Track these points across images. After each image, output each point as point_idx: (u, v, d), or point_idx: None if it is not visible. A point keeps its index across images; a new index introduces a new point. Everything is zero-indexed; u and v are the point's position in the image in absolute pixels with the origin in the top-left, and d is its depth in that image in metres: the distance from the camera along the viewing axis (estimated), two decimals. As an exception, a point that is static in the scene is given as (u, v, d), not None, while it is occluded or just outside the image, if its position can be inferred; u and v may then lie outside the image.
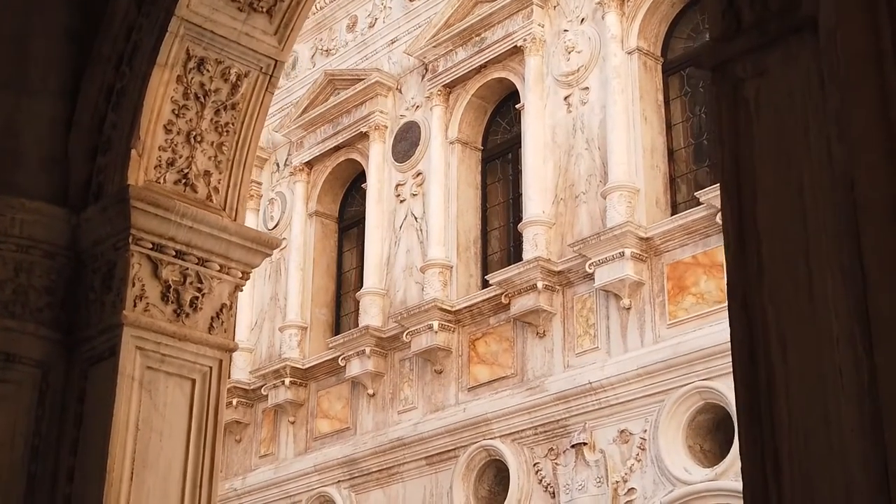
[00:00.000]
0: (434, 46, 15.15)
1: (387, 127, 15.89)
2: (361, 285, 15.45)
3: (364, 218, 15.87)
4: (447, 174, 14.87)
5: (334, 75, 16.61)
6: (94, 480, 3.93)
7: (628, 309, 12.34)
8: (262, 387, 16.05)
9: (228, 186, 4.47)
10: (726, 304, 8.75)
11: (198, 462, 4.12)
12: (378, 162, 15.76)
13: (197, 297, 4.36)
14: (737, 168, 2.12)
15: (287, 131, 17.03)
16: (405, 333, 14.22)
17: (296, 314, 16.10)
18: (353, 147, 16.39)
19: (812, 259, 2.02)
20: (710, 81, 2.36)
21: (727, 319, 8.79)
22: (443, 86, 15.12)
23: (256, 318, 16.97)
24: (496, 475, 13.21)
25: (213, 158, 4.42)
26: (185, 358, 4.26)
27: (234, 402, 16.31)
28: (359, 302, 15.36)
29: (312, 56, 17.69)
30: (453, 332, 14.01)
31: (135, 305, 4.21)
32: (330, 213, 16.89)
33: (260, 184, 17.65)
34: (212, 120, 4.41)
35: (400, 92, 15.94)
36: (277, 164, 17.59)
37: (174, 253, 4.33)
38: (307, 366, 15.65)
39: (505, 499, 12.82)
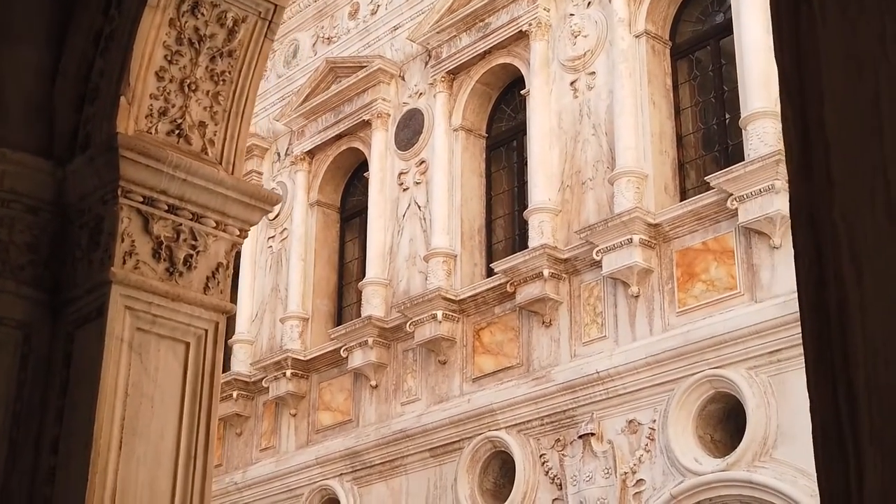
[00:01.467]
0: (437, 32, 14.90)
1: (389, 115, 15.64)
2: (363, 276, 15.19)
3: (366, 207, 15.61)
4: (451, 162, 14.62)
5: (336, 63, 16.36)
6: (80, 449, 3.66)
7: (636, 297, 12.08)
8: (262, 379, 15.79)
9: (225, 139, 4.19)
10: (737, 290, 8.49)
11: (192, 430, 3.85)
12: (380, 150, 15.51)
13: (191, 255, 4.08)
14: (799, 72, 1.84)
15: (288, 120, 16.77)
16: (408, 323, 13.96)
17: (297, 305, 15.84)
18: (355, 136, 16.14)
19: (890, 172, 1.73)
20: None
21: (738, 306, 8.56)
22: (446, 72, 14.87)
23: (257, 309, 16.72)
24: (502, 467, 12.95)
25: (208, 109, 4.15)
26: (178, 320, 3.98)
27: (235, 394, 16.07)
28: (361, 292, 15.11)
29: (314, 44, 17.44)
30: (457, 321, 13.75)
31: (124, 262, 3.91)
32: (331, 202, 16.64)
33: (261, 174, 17.40)
34: (207, 68, 4.13)
35: (403, 79, 15.69)
36: (278, 154, 17.34)
37: (166, 207, 4.04)
38: (309, 357, 15.39)
39: (511, 491, 12.56)
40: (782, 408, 10.68)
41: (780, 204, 10.90)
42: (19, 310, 3.98)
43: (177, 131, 4.10)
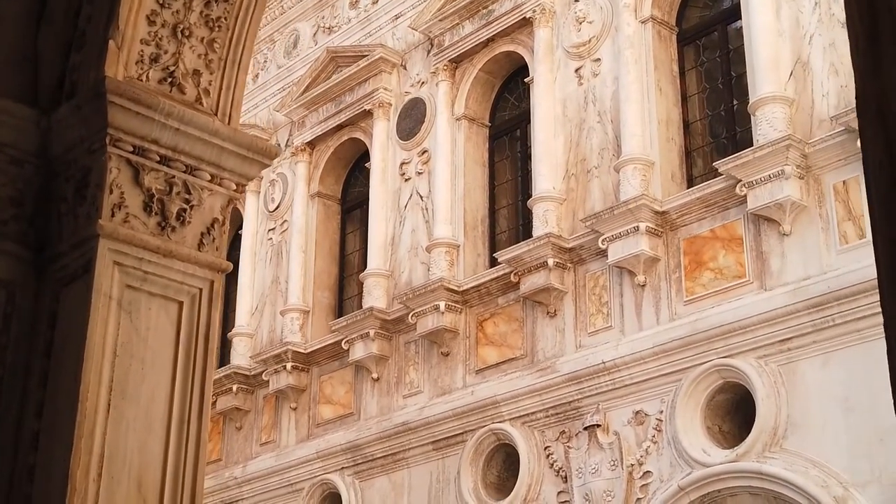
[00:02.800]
0: (440, 20, 14.69)
1: (391, 104, 15.43)
2: (365, 268, 14.97)
3: (367, 199, 15.39)
4: (454, 151, 14.40)
5: (337, 52, 16.15)
6: (66, 413, 3.43)
7: (643, 286, 11.87)
8: (262, 372, 15.58)
9: (221, 88, 3.96)
10: (746, 279, 8.29)
11: (185, 394, 3.62)
12: (382, 140, 15.29)
13: (184, 210, 3.84)
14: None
15: (288, 111, 16.56)
16: (410, 315, 13.74)
17: (297, 298, 15.63)
18: (357, 126, 15.92)
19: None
20: None
21: (747, 295, 8.33)
22: (449, 61, 14.65)
23: (257, 302, 16.50)
24: (505, 460, 12.73)
25: (203, 56, 3.91)
26: (170, 277, 3.75)
27: (235, 388, 15.87)
28: (362, 284, 14.89)
29: (314, 34, 17.23)
30: (460, 312, 13.53)
31: (112, 215, 3.67)
32: (332, 194, 16.42)
33: (260, 165, 17.16)
34: (201, 13, 3.89)
35: (405, 68, 15.47)
36: (278, 145, 17.11)
37: (158, 158, 3.80)
38: (309, 350, 15.17)
39: (515, 484, 12.34)
40: (793, 397, 10.47)
41: (789, 190, 10.69)
42: (2, 267, 3.74)
43: (169, 79, 3.87)
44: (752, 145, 11.14)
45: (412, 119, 15.06)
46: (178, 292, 3.76)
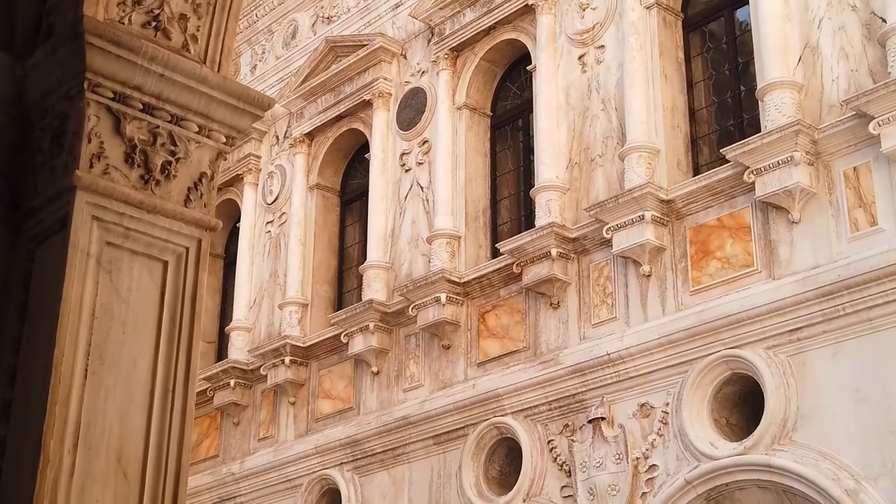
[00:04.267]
0: (440, 8, 14.44)
1: (391, 94, 15.18)
2: (364, 260, 14.71)
3: (367, 190, 15.13)
4: (454, 141, 14.15)
5: (336, 42, 15.90)
6: (39, 379, 3.16)
7: (648, 276, 11.62)
8: (260, 367, 15.32)
9: (210, 35, 3.69)
10: (754, 268, 8.01)
11: (170, 361, 3.36)
12: (382, 131, 15.04)
13: (170, 162, 3.58)
14: None
15: (287, 102, 16.31)
16: (411, 307, 13.48)
17: (296, 291, 15.38)
18: (356, 116, 15.67)
19: None
20: None
21: (755, 284, 8.08)
22: (449, 49, 14.41)
23: (255, 295, 16.25)
24: (508, 454, 12.47)
25: (190, 0, 3.69)
26: (154, 234, 3.48)
27: (232, 383, 15.64)
28: (362, 277, 14.63)
29: (313, 24, 16.99)
30: (462, 304, 13.28)
31: (91, 166, 3.40)
32: (331, 185, 16.17)
33: (259, 157, 16.95)
34: (188, -47, 3.69)
35: (405, 58, 15.23)
36: (277, 137, 16.88)
37: (141, 106, 3.54)
38: (308, 344, 14.92)
39: (517, 479, 12.08)
40: (802, 388, 10.22)
41: (799, 176, 10.44)
42: (-28, 225, 3.51)
43: (154, 23, 3.61)
44: (761, 130, 10.89)
45: (412, 109, 14.81)
46: (163, 251, 3.50)
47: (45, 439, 3.10)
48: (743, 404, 10.84)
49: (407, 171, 14.67)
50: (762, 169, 10.66)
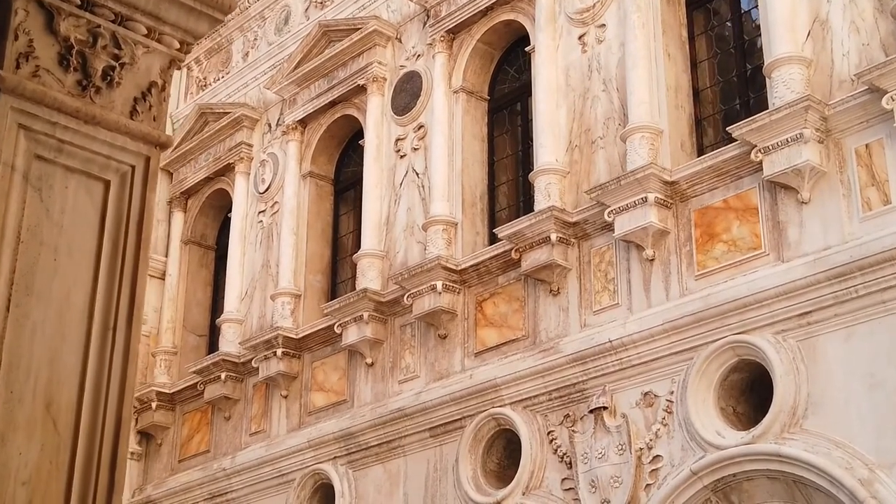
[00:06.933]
0: (436, -10, 14.04)
1: (386, 79, 14.76)
2: (359, 250, 14.28)
3: (361, 178, 14.70)
4: (451, 126, 13.73)
5: (329, 26, 15.48)
6: (-48, 311, 2.78)
7: (652, 260, 11.20)
8: (252, 359, 14.89)
9: (161, -81, 3.31)
10: (762, 250, 7.55)
11: (111, 296, 2.92)
12: (376, 116, 14.62)
13: (113, 68, 3.13)
14: None
15: (279, 88, 15.90)
16: (406, 296, 13.06)
17: (288, 281, 14.96)
18: (350, 102, 15.25)
19: None
20: None
21: (763, 267, 7.59)
22: (446, 31, 13.99)
23: (247, 286, 15.83)
24: (506, 446, 12.05)
25: None
26: (94, 149, 3.02)
27: (223, 376, 15.23)
28: (356, 267, 14.20)
29: (306, 9, 16.58)
30: (458, 293, 12.86)
31: (18, 67, 2.94)
32: (325, 173, 15.75)
33: (251, 146, 16.54)
34: None
35: (400, 41, 14.81)
36: (269, 125, 16.47)
37: (79, 2, 3.13)
38: (301, 335, 14.49)
39: (516, 471, 11.66)
40: (813, 374, 9.80)
41: (808, 154, 10.03)
42: None
43: (94, -90, 3.22)
44: (768, 108, 10.47)
45: (408, 93, 14.39)
46: (105, 169, 3.05)
47: (-42, 382, 2.69)
48: (751, 392, 10.43)
49: (402, 157, 14.26)
50: (770, 147, 10.24)
